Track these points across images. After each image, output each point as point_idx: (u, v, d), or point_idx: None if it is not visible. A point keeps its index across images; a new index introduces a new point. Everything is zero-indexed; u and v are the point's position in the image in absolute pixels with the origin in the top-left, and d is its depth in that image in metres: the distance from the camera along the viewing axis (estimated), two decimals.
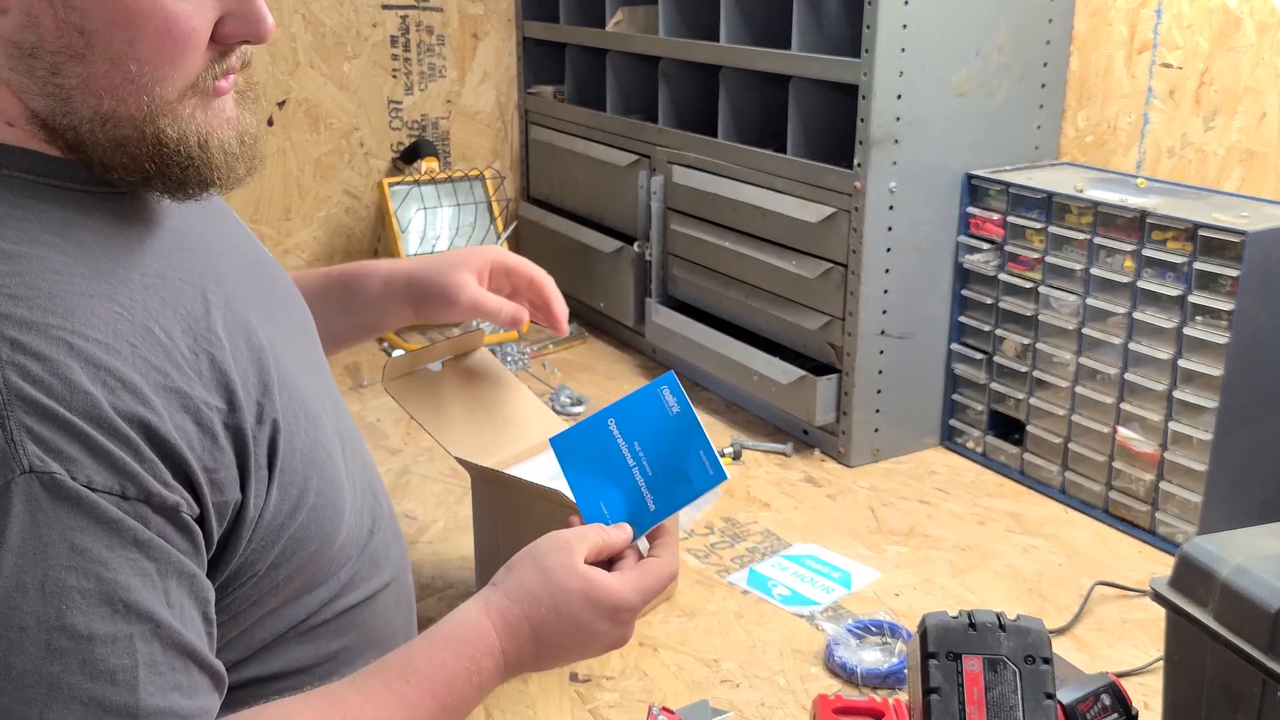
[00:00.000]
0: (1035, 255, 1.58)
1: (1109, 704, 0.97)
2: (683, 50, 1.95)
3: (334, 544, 0.88)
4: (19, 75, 0.72)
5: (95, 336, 0.68)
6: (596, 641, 0.91)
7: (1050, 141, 1.75)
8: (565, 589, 0.89)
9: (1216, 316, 1.36)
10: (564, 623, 0.89)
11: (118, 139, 0.74)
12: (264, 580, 0.81)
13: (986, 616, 0.92)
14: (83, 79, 0.71)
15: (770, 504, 1.58)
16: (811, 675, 1.19)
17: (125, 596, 0.66)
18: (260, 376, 0.80)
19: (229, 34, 0.75)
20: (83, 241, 0.73)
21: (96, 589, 0.65)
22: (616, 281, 2.15)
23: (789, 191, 1.73)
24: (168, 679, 0.68)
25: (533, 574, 0.90)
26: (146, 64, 0.72)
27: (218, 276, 0.82)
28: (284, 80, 2.24)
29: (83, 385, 0.66)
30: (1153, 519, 1.47)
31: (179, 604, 0.70)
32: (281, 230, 2.32)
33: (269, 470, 0.78)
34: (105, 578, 0.65)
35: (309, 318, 1.01)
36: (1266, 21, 1.48)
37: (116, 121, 0.73)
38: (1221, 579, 0.91)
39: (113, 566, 0.65)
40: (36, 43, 0.70)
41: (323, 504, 0.85)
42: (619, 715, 1.13)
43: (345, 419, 1.00)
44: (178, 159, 0.75)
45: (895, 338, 1.68)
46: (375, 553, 0.96)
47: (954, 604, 1.32)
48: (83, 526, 0.64)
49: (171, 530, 0.69)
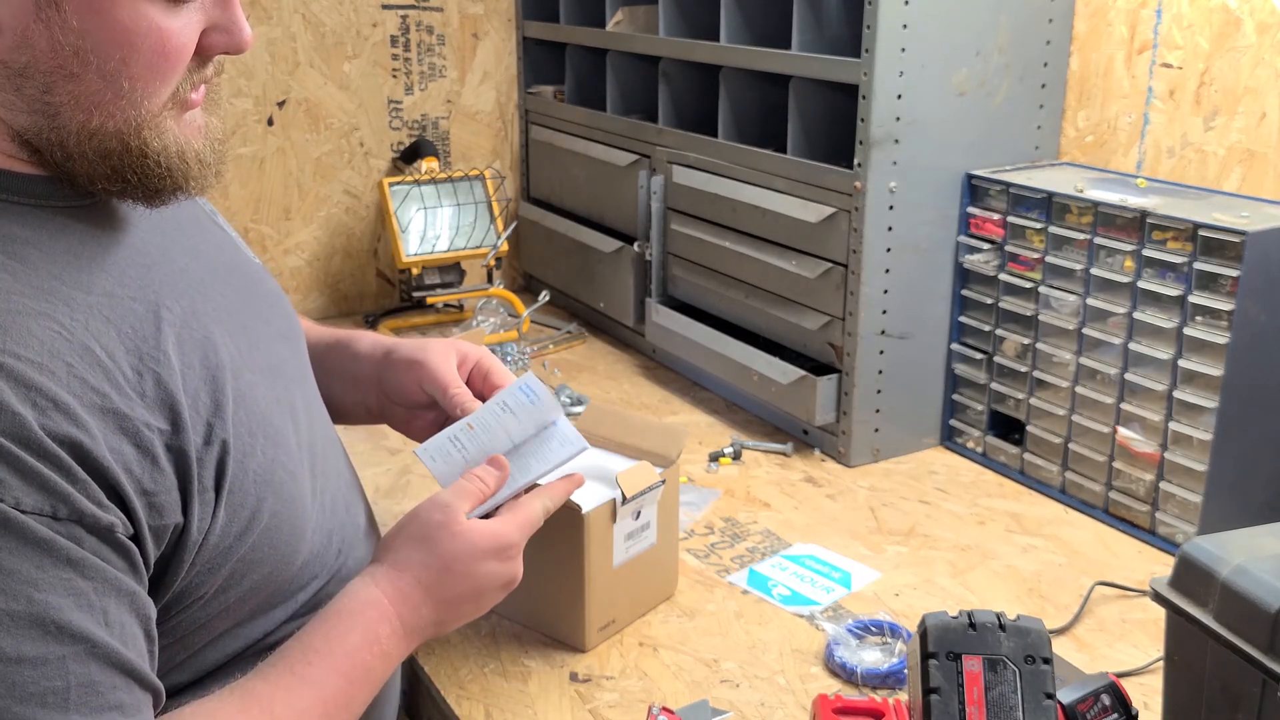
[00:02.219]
0: (1035, 255, 1.58)
1: (1109, 704, 0.97)
2: (683, 50, 1.95)
3: (293, 565, 0.87)
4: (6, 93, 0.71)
5: (28, 356, 0.67)
6: (490, 584, 0.95)
7: (1050, 141, 1.75)
8: (451, 550, 0.93)
9: (1217, 316, 1.36)
10: (455, 577, 0.92)
11: (103, 151, 0.74)
12: (212, 603, 0.80)
13: (986, 616, 0.92)
14: (73, 96, 0.71)
15: (770, 504, 1.58)
16: (811, 675, 1.19)
17: (57, 617, 0.65)
18: (214, 396, 0.79)
19: (211, 45, 0.77)
20: (26, 258, 0.73)
21: (26, 610, 0.64)
22: (616, 281, 2.15)
23: (789, 191, 1.73)
24: (106, 698, 0.67)
25: (416, 541, 0.93)
26: (139, 80, 0.72)
27: (177, 292, 0.81)
28: (284, 80, 2.24)
29: (11, 406, 0.65)
30: (1153, 519, 1.47)
31: (119, 622, 0.69)
32: (281, 230, 2.32)
33: (216, 492, 0.77)
34: (36, 599, 0.64)
35: (292, 327, 1.00)
36: (1267, 21, 1.48)
37: (104, 136, 0.73)
38: (1221, 579, 0.91)
39: (43, 587, 0.64)
40: (29, 63, 0.70)
41: (278, 525, 0.84)
42: (619, 715, 1.13)
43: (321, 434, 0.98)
44: (158, 169, 0.76)
45: (895, 338, 1.68)
46: (346, 571, 0.95)
47: (954, 604, 1.32)
48: (11, 548, 0.64)
49: (107, 550, 0.69)
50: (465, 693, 1.16)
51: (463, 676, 1.18)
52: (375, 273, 2.44)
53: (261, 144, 2.25)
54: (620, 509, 1.21)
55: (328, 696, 0.83)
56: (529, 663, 1.21)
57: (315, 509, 0.90)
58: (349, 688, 0.85)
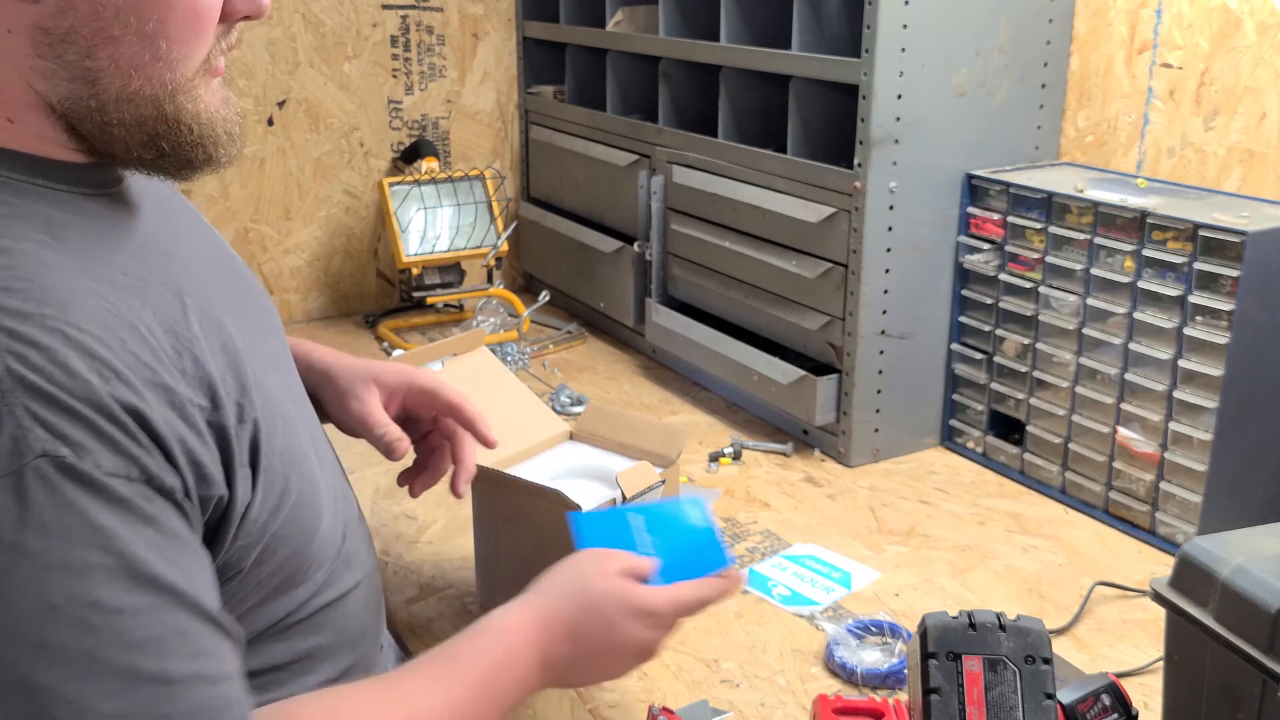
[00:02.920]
0: (1035, 255, 1.58)
1: (1109, 704, 0.97)
2: (683, 50, 1.95)
3: (313, 542, 0.89)
4: (46, 61, 0.72)
5: (88, 329, 0.69)
6: (627, 644, 0.94)
7: (1050, 142, 1.75)
8: (601, 590, 0.93)
9: (1216, 317, 1.36)
10: (596, 620, 0.92)
11: (139, 118, 0.75)
12: (248, 578, 0.82)
13: (986, 617, 0.92)
14: (113, 60, 0.72)
15: (770, 504, 1.58)
16: (811, 675, 1.19)
17: (146, 570, 0.67)
18: (237, 378, 0.80)
19: (235, 9, 0.77)
20: (68, 240, 0.74)
21: (119, 564, 0.66)
22: (617, 281, 2.16)
23: (789, 191, 1.73)
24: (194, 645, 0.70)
25: (569, 576, 0.95)
26: (174, 41, 0.73)
27: (191, 280, 0.83)
28: (284, 80, 2.24)
29: (81, 372, 0.67)
30: (1153, 519, 1.47)
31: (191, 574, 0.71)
32: (282, 230, 2.32)
33: (252, 468, 0.79)
34: (125, 553, 0.67)
35: (278, 322, 1.02)
36: (1266, 22, 1.49)
37: (141, 101, 0.74)
38: (1221, 579, 0.91)
39: (131, 542, 0.67)
40: (71, 27, 0.71)
41: (303, 502, 0.86)
42: (619, 715, 1.13)
43: (314, 422, 1.00)
44: (190, 137, 0.77)
45: (895, 338, 1.68)
46: (348, 554, 0.97)
47: (954, 604, 1.32)
48: (98, 505, 0.66)
49: (172, 511, 0.71)
50: None
51: None
52: (375, 273, 2.44)
53: (262, 144, 2.25)
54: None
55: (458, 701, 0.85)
56: None
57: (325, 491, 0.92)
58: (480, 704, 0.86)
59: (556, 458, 1.35)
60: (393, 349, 2.16)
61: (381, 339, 2.24)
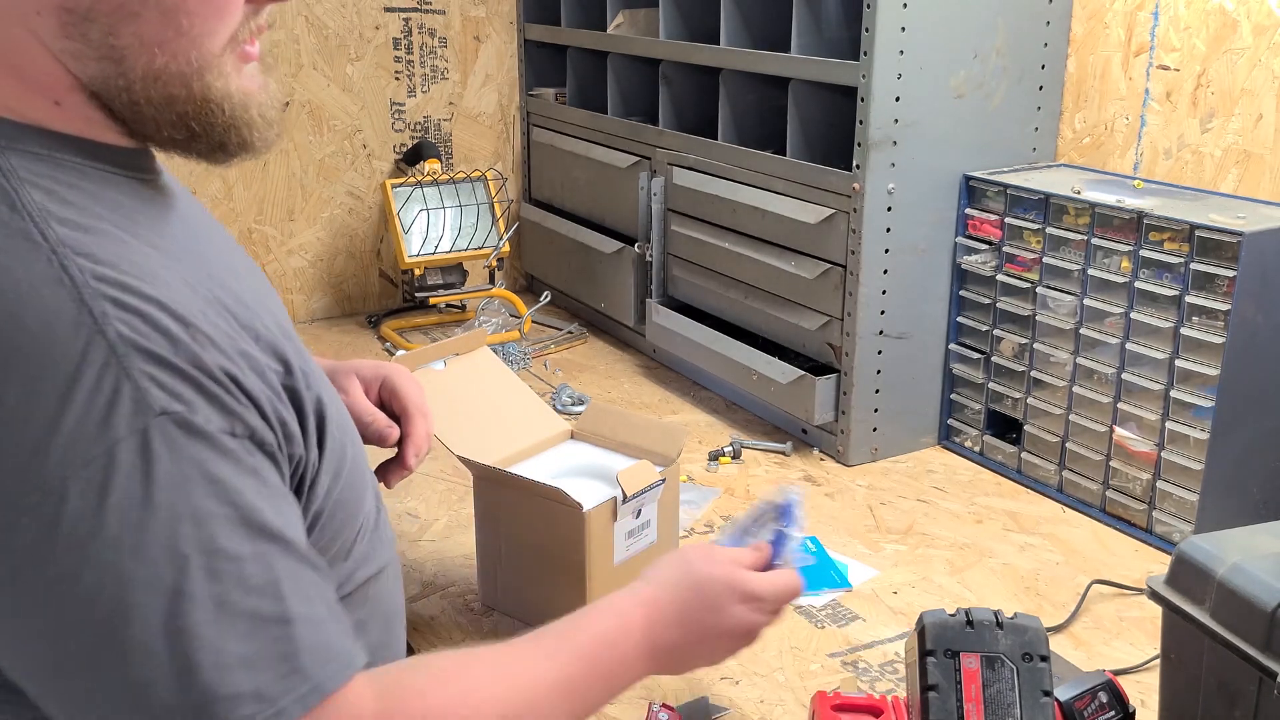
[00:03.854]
0: (1033, 256, 1.59)
1: (1106, 701, 0.98)
2: (683, 53, 1.96)
3: (359, 514, 0.91)
4: (73, 42, 0.73)
5: (178, 300, 0.72)
6: (733, 626, 0.97)
7: (1048, 143, 1.76)
8: (708, 574, 0.97)
9: (1213, 317, 1.37)
10: (704, 601, 0.96)
11: (168, 96, 0.76)
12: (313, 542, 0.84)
13: (984, 614, 0.93)
14: (137, 36, 0.73)
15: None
16: (811, 673, 1.20)
17: (258, 519, 0.71)
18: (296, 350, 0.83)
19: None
20: (137, 222, 0.76)
21: (235, 514, 0.70)
22: (617, 282, 2.16)
23: (788, 193, 1.74)
24: (305, 588, 0.73)
25: (677, 562, 0.99)
26: (196, 16, 0.74)
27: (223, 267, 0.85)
28: (287, 82, 2.25)
29: (183, 338, 0.70)
30: (1149, 518, 1.48)
31: (293, 522, 0.75)
32: (285, 231, 2.32)
33: (319, 433, 0.83)
34: (240, 503, 0.70)
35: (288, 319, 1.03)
36: (1263, 24, 1.49)
37: (167, 79, 0.75)
38: (1218, 577, 0.92)
39: (244, 492, 0.70)
40: (91, 4, 0.72)
41: (354, 470, 0.89)
42: (619, 712, 1.14)
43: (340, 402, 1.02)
44: (221, 117, 0.78)
45: (893, 338, 1.69)
46: (380, 532, 0.99)
47: (952, 602, 1.33)
48: (213, 459, 0.69)
49: (269, 465, 0.75)
50: None
51: None
52: (378, 273, 2.45)
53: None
54: (621, 507, 1.21)
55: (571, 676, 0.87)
56: None
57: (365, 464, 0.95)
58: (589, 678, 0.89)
59: (558, 457, 1.36)
60: (395, 349, 2.17)
61: (384, 339, 2.25)
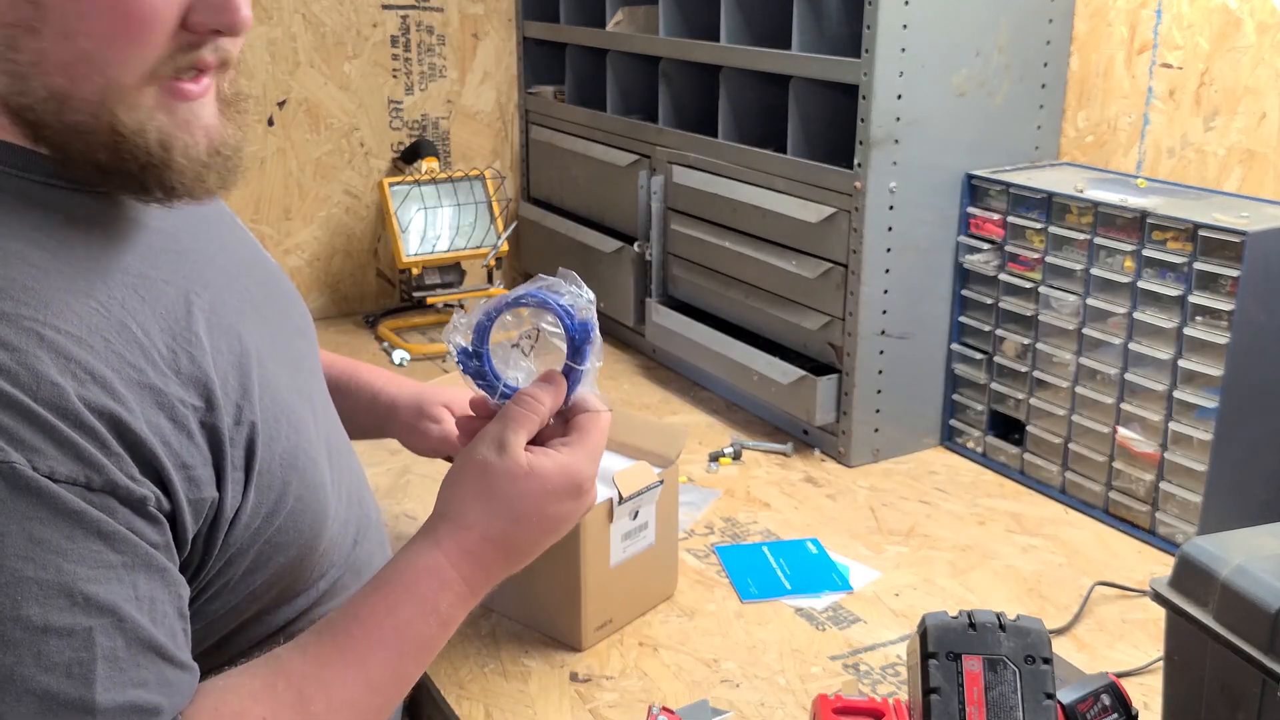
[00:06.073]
0: (1035, 255, 1.58)
1: (1109, 704, 0.97)
2: (683, 50, 1.95)
3: (315, 550, 0.87)
4: None
5: (68, 330, 0.68)
6: (566, 521, 0.89)
7: (1050, 142, 1.75)
8: (520, 494, 0.86)
9: (1216, 317, 1.36)
10: (528, 526, 0.86)
11: (73, 124, 0.71)
12: (239, 586, 0.80)
13: (986, 616, 0.92)
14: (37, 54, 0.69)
15: (770, 504, 1.58)
16: (812, 675, 1.19)
17: (85, 589, 0.65)
18: (240, 380, 0.79)
19: (198, 23, 0.71)
20: (63, 238, 0.73)
21: (55, 580, 0.64)
22: (617, 281, 2.15)
23: (789, 191, 1.73)
24: (129, 674, 0.67)
25: (480, 493, 0.87)
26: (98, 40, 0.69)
27: (205, 280, 0.82)
28: (284, 80, 2.24)
29: (50, 376, 0.65)
30: (1153, 519, 1.47)
31: (148, 598, 0.69)
32: (282, 230, 2.32)
33: (246, 472, 0.77)
34: (65, 569, 0.64)
35: (308, 324, 1.01)
36: (1267, 22, 1.49)
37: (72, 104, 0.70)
38: (1221, 579, 0.91)
39: (73, 558, 0.64)
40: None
41: (303, 509, 0.83)
42: (619, 715, 1.13)
43: (335, 428, 0.99)
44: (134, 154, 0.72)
45: (895, 338, 1.68)
46: (359, 562, 0.96)
47: (954, 604, 1.32)
48: (42, 517, 0.64)
49: (140, 523, 0.69)
50: (465, 692, 1.16)
51: (463, 676, 1.18)
52: (375, 273, 2.44)
53: (262, 144, 2.25)
54: (617, 509, 1.21)
55: (371, 672, 0.80)
56: (529, 662, 1.21)
57: (334, 497, 0.90)
58: (398, 661, 0.82)
59: None
60: (392, 349, 2.16)
61: (381, 339, 2.24)
